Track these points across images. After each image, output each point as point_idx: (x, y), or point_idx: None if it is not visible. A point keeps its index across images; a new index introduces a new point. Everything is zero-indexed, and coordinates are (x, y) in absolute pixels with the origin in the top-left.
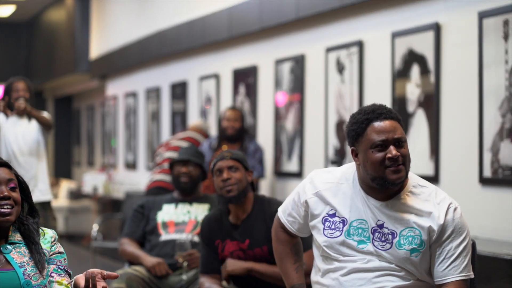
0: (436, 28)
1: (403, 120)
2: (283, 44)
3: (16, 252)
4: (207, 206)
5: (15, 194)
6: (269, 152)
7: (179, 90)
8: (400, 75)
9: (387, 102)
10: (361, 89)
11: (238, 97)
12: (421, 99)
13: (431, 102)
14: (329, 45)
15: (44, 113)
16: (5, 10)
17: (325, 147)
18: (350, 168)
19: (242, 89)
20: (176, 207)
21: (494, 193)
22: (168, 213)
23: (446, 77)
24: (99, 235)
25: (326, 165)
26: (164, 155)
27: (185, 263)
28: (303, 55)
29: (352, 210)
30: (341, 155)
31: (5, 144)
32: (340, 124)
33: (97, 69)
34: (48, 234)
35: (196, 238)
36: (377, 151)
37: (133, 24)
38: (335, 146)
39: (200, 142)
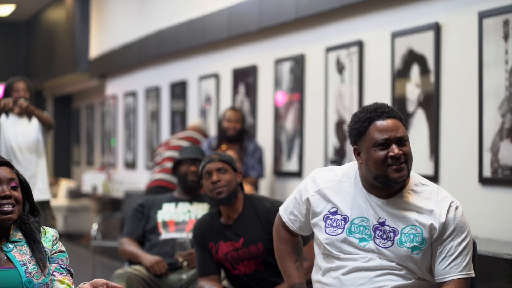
0: (436, 28)
1: None
2: (283, 44)
3: (18, 251)
4: (207, 206)
5: (17, 193)
6: (269, 152)
7: (179, 90)
8: (400, 75)
9: (387, 102)
10: (361, 89)
11: (238, 97)
12: (421, 99)
13: (431, 102)
14: (329, 45)
15: (45, 113)
16: (5, 10)
17: (325, 147)
18: (352, 167)
19: (242, 89)
20: (176, 207)
21: (494, 193)
22: (168, 213)
23: (446, 77)
24: (99, 235)
25: (326, 165)
26: (164, 155)
27: (185, 263)
28: (303, 55)
29: (354, 208)
30: (341, 155)
31: (5, 142)
32: (340, 124)
33: (97, 69)
34: (50, 233)
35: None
36: (380, 150)
37: (133, 24)
38: (335, 146)
39: (200, 142)
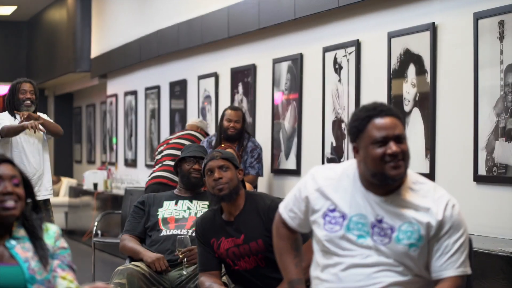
0: (432, 29)
1: None
2: (281, 44)
3: (21, 247)
4: (207, 203)
5: (19, 190)
6: (267, 150)
7: (178, 89)
8: (397, 75)
9: (384, 101)
10: (358, 88)
11: (237, 96)
12: (417, 99)
13: (427, 102)
14: (327, 45)
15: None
16: (7, 9)
17: (322, 145)
18: (351, 165)
19: (241, 88)
20: (176, 204)
21: (489, 191)
22: (169, 210)
23: (442, 77)
24: (99, 231)
25: (323, 163)
26: (164, 153)
27: (185, 259)
28: (301, 55)
29: (352, 205)
30: (338, 153)
31: (16, 144)
32: (337, 123)
33: (98, 68)
34: (52, 230)
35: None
36: (378, 147)
37: (133, 24)
38: (332, 144)
39: (200, 140)
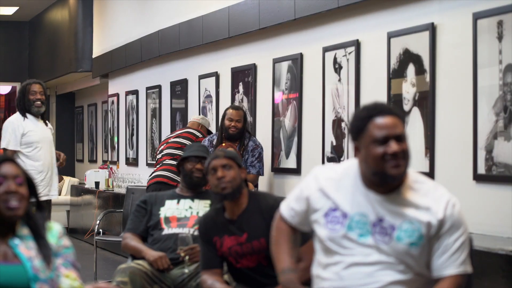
0: (432, 29)
1: None
2: (281, 44)
3: (24, 246)
4: (208, 202)
5: (22, 189)
6: (267, 149)
7: (179, 88)
8: (396, 75)
9: (383, 101)
10: (358, 88)
11: (237, 95)
12: (417, 98)
13: (426, 101)
14: (326, 45)
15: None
16: (9, 10)
17: (322, 145)
18: (352, 164)
19: (241, 88)
20: (178, 203)
21: (488, 190)
22: (171, 209)
23: (441, 77)
24: (101, 230)
25: (323, 162)
26: (164, 152)
27: (187, 257)
28: (301, 55)
29: (353, 204)
30: (338, 153)
31: (40, 148)
32: (337, 122)
33: (99, 68)
34: (55, 229)
35: (198, 233)
36: (378, 146)
37: (134, 24)
38: (332, 144)
39: (197, 137)
